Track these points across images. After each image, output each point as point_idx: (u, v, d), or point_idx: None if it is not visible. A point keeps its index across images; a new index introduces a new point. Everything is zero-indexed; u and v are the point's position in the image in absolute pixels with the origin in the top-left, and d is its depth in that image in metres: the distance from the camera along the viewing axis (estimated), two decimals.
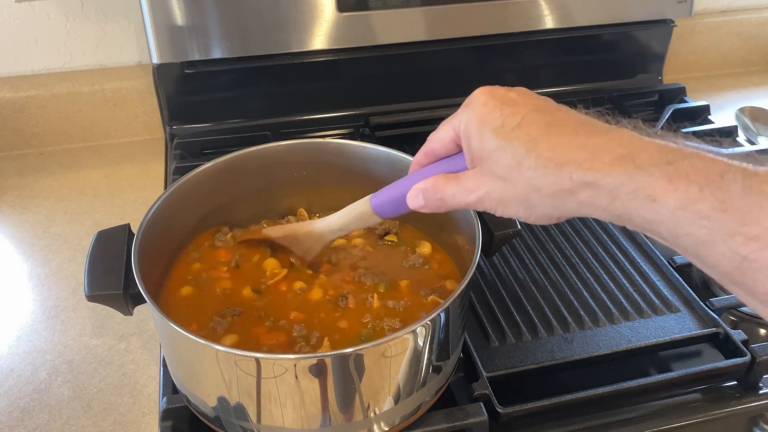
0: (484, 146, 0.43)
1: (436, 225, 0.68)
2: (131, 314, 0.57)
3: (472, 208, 0.47)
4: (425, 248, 0.67)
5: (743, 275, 0.35)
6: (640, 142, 0.38)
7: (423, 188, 0.49)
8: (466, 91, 0.46)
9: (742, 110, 1.07)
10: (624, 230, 0.80)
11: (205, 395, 0.53)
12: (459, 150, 0.48)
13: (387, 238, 0.69)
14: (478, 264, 0.54)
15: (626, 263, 0.76)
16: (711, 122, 1.04)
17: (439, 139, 0.49)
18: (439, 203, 0.48)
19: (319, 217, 0.70)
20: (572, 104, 0.45)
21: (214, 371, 0.50)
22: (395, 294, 0.62)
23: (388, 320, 0.58)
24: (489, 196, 0.44)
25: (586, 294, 0.72)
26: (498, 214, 0.45)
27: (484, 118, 0.43)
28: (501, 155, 0.42)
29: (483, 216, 0.61)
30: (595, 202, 0.39)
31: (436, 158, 0.50)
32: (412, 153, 0.67)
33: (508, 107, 0.43)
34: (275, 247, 0.66)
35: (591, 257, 0.77)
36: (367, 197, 0.56)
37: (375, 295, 0.60)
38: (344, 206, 0.72)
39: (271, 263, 0.65)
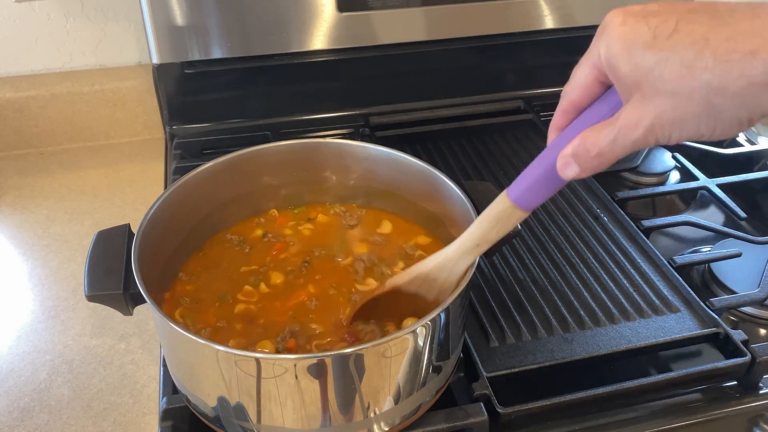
0: (639, 66, 0.37)
1: (435, 225, 0.68)
2: (131, 314, 0.57)
3: (641, 146, 0.40)
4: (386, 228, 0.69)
5: None
6: None
7: (573, 152, 0.42)
8: (466, 91, 0.46)
9: None
10: (624, 230, 0.80)
11: (205, 395, 0.53)
12: (604, 90, 0.42)
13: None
14: (478, 264, 0.54)
15: (626, 263, 0.76)
16: None
17: (577, 85, 0.43)
18: (599, 160, 0.41)
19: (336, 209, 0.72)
20: None
21: (214, 371, 0.50)
22: None
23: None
24: (660, 120, 0.38)
25: (586, 294, 0.72)
26: (674, 140, 0.39)
27: (628, 37, 0.38)
28: (664, 68, 0.36)
29: None
30: None
31: (578, 111, 0.44)
32: (413, 153, 0.68)
33: (653, 18, 0.37)
34: (390, 306, 0.56)
35: (591, 257, 0.77)
36: (502, 194, 0.49)
37: None
38: (344, 205, 0.72)
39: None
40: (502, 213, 0.49)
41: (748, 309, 0.72)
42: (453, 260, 0.53)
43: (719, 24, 0.35)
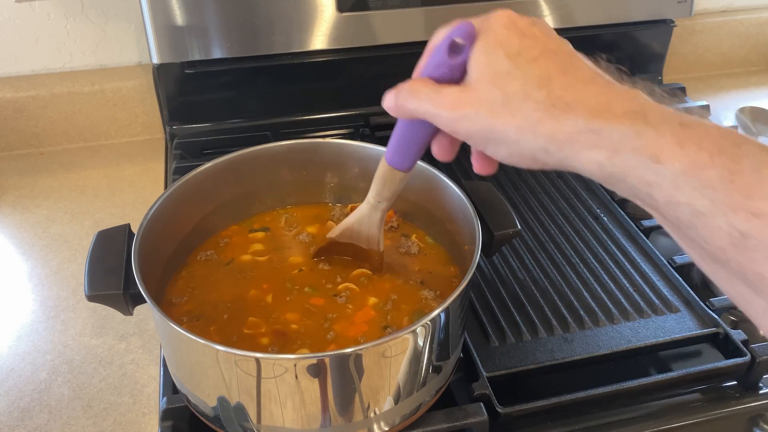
0: (492, 65, 0.41)
1: (435, 224, 0.68)
2: (131, 314, 0.57)
3: (443, 125, 0.43)
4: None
5: (739, 253, 0.33)
6: (656, 103, 0.37)
7: (401, 87, 0.46)
8: None
9: (742, 110, 1.08)
10: (624, 230, 0.80)
11: (205, 395, 0.53)
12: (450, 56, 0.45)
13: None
14: (478, 264, 0.54)
15: (626, 263, 0.76)
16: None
17: (439, 36, 0.47)
18: (408, 108, 0.46)
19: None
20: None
21: (214, 371, 0.50)
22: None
23: None
24: (475, 117, 0.41)
25: (586, 294, 0.72)
26: (474, 144, 0.43)
27: (501, 39, 0.41)
28: (509, 81, 0.40)
29: (483, 216, 0.61)
30: (593, 153, 0.37)
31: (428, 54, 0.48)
32: None
33: (528, 39, 0.41)
34: (354, 253, 0.64)
35: (591, 257, 0.77)
36: (383, 157, 0.55)
37: None
38: (345, 210, 0.72)
39: None
40: (385, 174, 0.56)
41: None
42: (366, 214, 0.60)
43: (564, 74, 0.39)
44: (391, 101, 0.47)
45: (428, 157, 0.93)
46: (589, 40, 1.07)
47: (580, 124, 0.37)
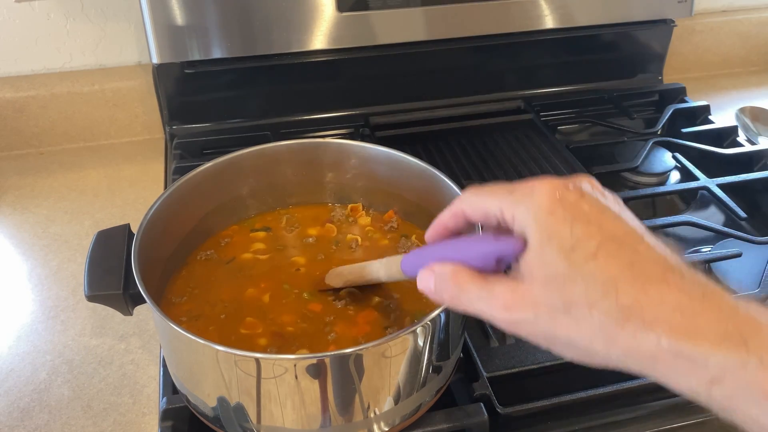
0: (546, 265, 0.35)
1: None
2: (131, 314, 0.57)
3: (499, 326, 0.38)
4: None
5: None
6: (746, 314, 0.32)
7: (440, 272, 0.40)
8: (466, 91, 0.45)
9: (742, 110, 1.08)
10: None
11: (205, 395, 0.53)
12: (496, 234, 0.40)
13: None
14: None
15: None
16: (711, 122, 1.04)
17: (478, 209, 0.41)
18: (455, 300, 0.40)
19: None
20: (576, 104, 0.42)
21: (214, 371, 0.50)
22: None
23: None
24: (533, 323, 0.36)
25: None
26: (535, 343, 0.38)
27: (550, 231, 0.36)
28: (568, 285, 0.35)
29: None
30: (685, 378, 0.33)
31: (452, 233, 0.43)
32: (412, 153, 0.68)
33: (580, 226, 0.35)
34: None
35: None
36: (400, 257, 0.51)
37: None
38: (344, 206, 0.72)
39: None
40: (394, 271, 0.52)
41: None
42: (375, 276, 0.57)
43: (632, 274, 0.34)
44: (429, 286, 0.41)
45: (428, 156, 0.94)
46: (589, 40, 1.07)
47: (664, 343, 0.32)
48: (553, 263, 0.35)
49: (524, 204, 0.37)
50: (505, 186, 0.40)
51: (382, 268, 0.55)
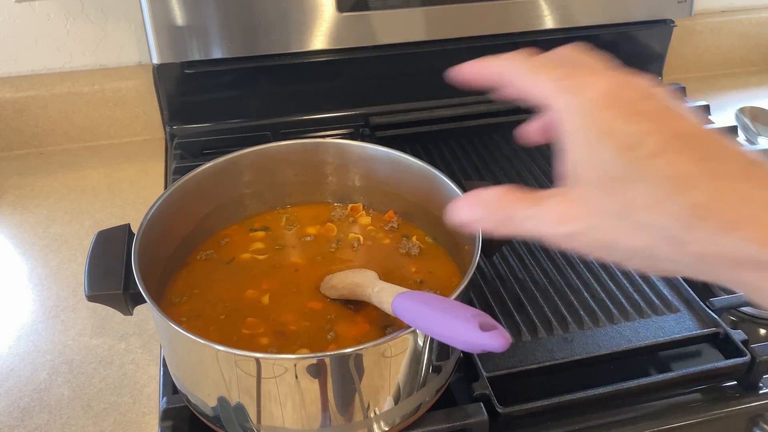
0: (599, 166, 0.31)
1: (435, 224, 0.68)
2: (131, 314, 0.57)
3: (553, 243, 0.34)
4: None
5: None
6: None
7: (486, 199, 0.36)
8: (466, 91, 0.44)
9: (742, 110, 1.08)
10: None
11: (205, 395, 0.53)
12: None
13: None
14: (478, 264, 0.54)
15: None
16: (711, 122, 1.04)
17: (522, 84, 0.35)
18: (503, 225, 0.35)
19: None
20: None
21: (214, 371, 0.50)
22: None
23: None
24: (587, 234, 0.32)
25: (586, 294, 0.72)
26: (591, 256, 0.33)
27: (604, 128, 0.30)
28: (626, 187, 0.30)
29: None
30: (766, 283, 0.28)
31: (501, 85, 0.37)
32: (413, 153, 0.68)
33: (641, 122, 0.30)
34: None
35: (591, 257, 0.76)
36: (398, 295, 0.51)
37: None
38: (345, 210, 0.72)
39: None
40: (384, 305, 0.53)
41: (748, 309, 0.72)
42: (359, 290, 0.58)
43: (708, 170, 0.29)
44: (473, 214, 0.36)
45: (428, 156, 0.94)
46: (589, 40, 1.06)
47: (752, 251, 0.27)
48: (608, 163, 0.30)
49: (575, 95, 0.32)
50: (560, 67, 0.34)
51: (373, 295, 0.55)
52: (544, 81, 0.34)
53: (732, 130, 1.00)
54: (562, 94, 0.33)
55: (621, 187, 0.30)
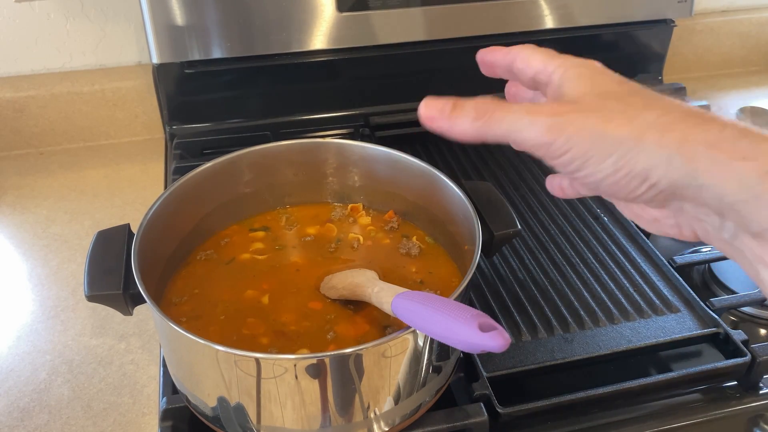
0: (599, 85, 0.36)
1: (436, 224, 0.68)
2: (131, 314, 0.57)
3: (544, 135, 0.35)
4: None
5: None
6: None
7: (479, 102, 0.37)
8: (466, 92, 0.45)
9: (742, 110, 1.08)
10: (624, 230, 0.80)
11: (205, 395, 0.53)
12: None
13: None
14: (478, 264, 0.54)
15: (626, 263, 0.76)
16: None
17: (526, 65, 0.42)
18: (480, 117, 0.37)
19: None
20: None
21: (214, 371, 0.50)
22: None
23: None
24: (581, 122, 0.34)
25: (586, 294, 0.72)
26: (572, 160, 0.35)
27: (601, 70, 0.38)
28: (624, 96, 0.35)
29: (483, 216, 0.61)
30: (740, 165, 0.31)
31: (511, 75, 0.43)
32: (413, 153, 0.68)
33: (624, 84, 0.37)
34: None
35: (591, 257, 0.77)
36: (396, 296, 0.51)
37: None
38: (345, 210, 0.72)
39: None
40: (384, 305, 0.52)
41: (748, 309, 0.72)
42: (366, 298, 0.57)
43: (694, 118, 0.33)
44: (465, 116, 0.38)
45: (428, 156, 0.94)
46: (589, 40, 1.07)
47: (728, 131, 0.32)
48: (607, 84, 0.36)
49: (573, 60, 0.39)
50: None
51: (373, 295, 0.55)
52: (547, 56, 0.40)
53: None
54: (562, 59, 0.39)
55: (618, 96, 0.35)
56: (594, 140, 0.34)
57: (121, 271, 0.56)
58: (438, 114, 0.39)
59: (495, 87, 0.48)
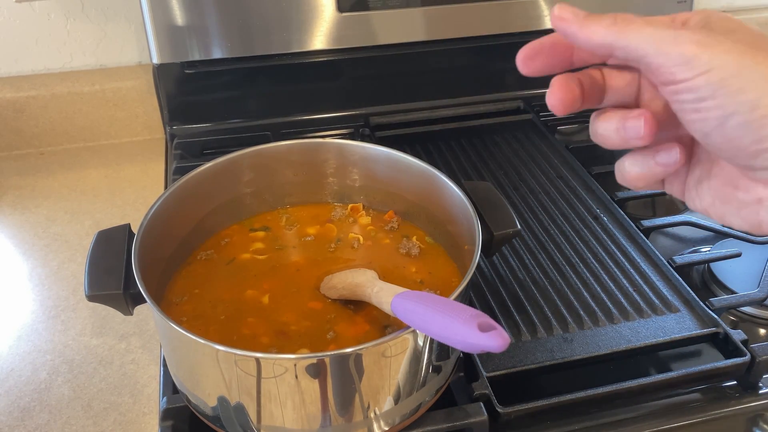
0: (735, 32, 0.33)
1: (436, 224, 0.68)
2: (131, 314, 0.57)
3: (674, 61, 0.32)
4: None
5: None
6: None
7: (595, 14, 0.35)
8: (466, 91, 0.45)
9: None
10: (623, 230, 0.80)
11: (205, 395, 0.53)
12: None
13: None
14: (478, 264, 0.54)
15: (626, 263, 0.76)
16: None
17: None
18: (616, 23, 0.33)
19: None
20: None
21: (214, 371, 0.50)
22: None
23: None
24: (720, 46, 0.31)
25: (585, 294, 0.72)
26: (702, 93, 0.32)
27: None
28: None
29: (483, 216, 0.61)
30: None
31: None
32: (413, 153, 0.68)
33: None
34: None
35: (591, 257, 0.77)
36: (396, 296, 0.51)
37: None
38: (345, 210, 0.72)
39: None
40: (384, 305, 0.53)
41: (747, 309, 0.72)
42: (366, 298, 0.57)
43: None
44: (601, 27, 0.33)
45: (428, 157, 0.94)
46: None
47: None
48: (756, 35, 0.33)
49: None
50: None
51: (373, 295, 0.55)
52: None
53: None
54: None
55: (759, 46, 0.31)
56: (740, 68, 0.31)
57: (121, 270, 0.56)
58: (572, 16, 0.35)
59: (500, 88, 0.48)
